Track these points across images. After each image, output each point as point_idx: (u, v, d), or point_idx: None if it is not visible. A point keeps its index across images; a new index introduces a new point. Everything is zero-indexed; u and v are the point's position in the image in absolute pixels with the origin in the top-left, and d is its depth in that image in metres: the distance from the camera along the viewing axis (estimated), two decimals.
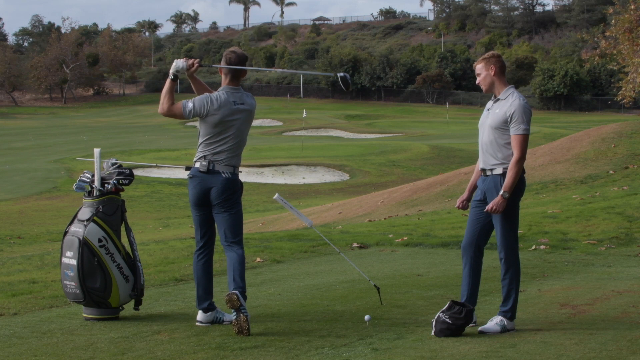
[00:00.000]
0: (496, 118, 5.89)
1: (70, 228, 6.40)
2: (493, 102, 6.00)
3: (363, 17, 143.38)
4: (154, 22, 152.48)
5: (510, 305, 5.88)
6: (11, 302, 7.05)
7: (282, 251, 10.44)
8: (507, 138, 5.85)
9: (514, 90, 5.95)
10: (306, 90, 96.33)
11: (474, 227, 6.02)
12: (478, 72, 6.01)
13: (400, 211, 17.93)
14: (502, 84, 5.96)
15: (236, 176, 6.11)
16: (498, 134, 5.87)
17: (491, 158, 5.92)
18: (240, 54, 6.15)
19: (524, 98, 5.89)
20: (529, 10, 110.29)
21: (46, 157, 42.53)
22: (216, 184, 6.01)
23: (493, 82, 5.96)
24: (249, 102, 6.15)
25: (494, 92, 6.00)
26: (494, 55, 6.01)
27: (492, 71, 5.94)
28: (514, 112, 5.80)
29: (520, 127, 5.80)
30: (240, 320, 5.70)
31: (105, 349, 5.43)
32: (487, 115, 6.01)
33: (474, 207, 6.06)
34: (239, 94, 6.10)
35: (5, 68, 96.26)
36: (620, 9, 24.92)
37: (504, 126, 5.85)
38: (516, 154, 5.79)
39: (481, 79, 5.99)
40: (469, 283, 6.03)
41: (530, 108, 5.93)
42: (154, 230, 22.40)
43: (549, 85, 77.90)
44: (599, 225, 11.64)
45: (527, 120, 5.82)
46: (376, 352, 5.25)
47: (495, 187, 5.88)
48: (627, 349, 5.18)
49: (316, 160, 38.93)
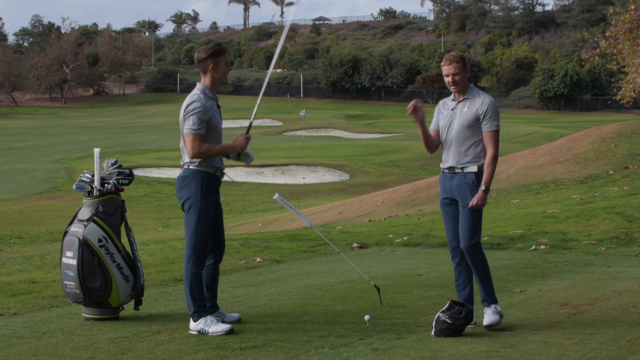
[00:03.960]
0: (467, 116, 5.97)
1: (70, 228, 6.40)
2: (457, 102, 6.06)
3: (363, 17, 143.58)
4: (154, 22, 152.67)
5: (488, 292, 5.98)
6: (11, 302, 7.05)
7: (282, 251, 10.44)
8: (478, 136, 5.95)
9: (477, 89, 6.09)
10: (306, 90, 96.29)
11: (454, 226, 6.08)
12: (455, 71, 5.98)
13: (400, 211, 17.93)
14: (468, 83, 6.07)
15: (186, 172, 5.97)
16: (470, 132, 5.96)
17: (463, 156, 5.98)
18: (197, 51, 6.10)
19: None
20: (529, 10, 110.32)
21: (46, 157, 42.52)
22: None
23: (466, 83, 6.05)
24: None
25: (456, 93, 6.05)
26: (463, 55, 6.09)
27: (467, 72, 6.05)
28: (487, 110, 5.93)
29: (494, 123, 5.93)
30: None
31: (105, 349, 5.43)
32: (452, 115, 6.04)
33: (446, 205, 6.10)
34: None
35: (5, 68, 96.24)
36: (620, 9, 24.91)
37: (475, 124, 5.95)
38: (492, 150, 5.91)
39: (459, 79, 6.00)
40: (457, 279, 6.13)
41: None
42: (154, 230, 22.40)
43: (549, 85, 77.90)
44: (599, 225, 11.64)
45: (498, 116, 5.99)
46: (376, 352, 5.24)
47: (470, 184, 5.95)
48: (627, 349, 5.18)
49: (316, 160, 38.94)
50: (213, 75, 5.99)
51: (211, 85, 6.02)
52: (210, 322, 5.83)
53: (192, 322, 5.89)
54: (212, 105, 5.96)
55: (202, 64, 5.99)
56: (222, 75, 6.04)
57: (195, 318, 5.86)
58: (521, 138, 45.97)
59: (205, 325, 5.82)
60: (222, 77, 6.05)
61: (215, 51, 5.98)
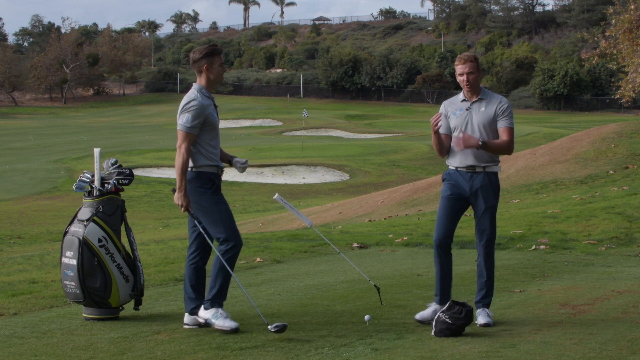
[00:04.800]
0: (486, 116, 6.03)
1: (70, 228, 6.40)
2: (470, 102, 6.09)
3: (363, 17, 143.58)
4: (154, 22, 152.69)
5: (492, 292, 6.15)
6: (11, 302, 7.05)
7: (282, 251, 10.44)
8: (495, 135, 6.03)
9: (489, 91, 6.20)
10: (306, 90, 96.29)
11: (452, 222, 6.11)
12: (470, 70, 6.04)
13: (400, 211, 17.92)
14: (480, 84, 6.15)
15: (189, 174, 5.96)
16: (490, 132, 6.03)
17: (484, 155, 6.03)
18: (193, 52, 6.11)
19: None
20: (529, 10, 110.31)
21: (46, 157, 42.54)
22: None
23: (479, 83, 6.11)
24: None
25: (469, 93, 6.09)
26: (477, 56, 6.22)
27: (480, 73, 6.12)
28: (506, 108, 6.06)
29: (511, 120, 6.07)
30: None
31: (105, 349, 5.42)
32: (467, 115, 6.06)
33: (451, 200, 6.10)
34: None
35: (5, 68, 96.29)
36: (620, 9, 24.92)
37: (493, 124, 6.04)
38: (508, 139, 6.00)
39: (473, 79, 6.04)
40: (447, 279, 6.21)
41: None
42: (154, 230, 22.41)
43: (549, 85, 77.91)
44: (599, 225, 11.64)
45: (513, 117, 6.15)
46: (376, 352, 5.24)
47: (494, 185, 6.05)
48: (627, 349, 5.17)
49: (316, 160, 38.95)
50: (208, 75, 6.00)
51: (207, 86, 6.03)
52: (220, 315, 5.85)
53: (203, 309, 5.92)
54: (209, 104, 5.97)
55: (196, 64, 6.01)
56: (217, 76, 6.04)
57: (208, 306, 5.89)
58: (521, 138, 45.94)
59: (213, 316, 5.85)
60: (216, 78, 6.05)
61: (210, 52, 5.99)
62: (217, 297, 5.89)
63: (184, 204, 5.87)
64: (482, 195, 6.01)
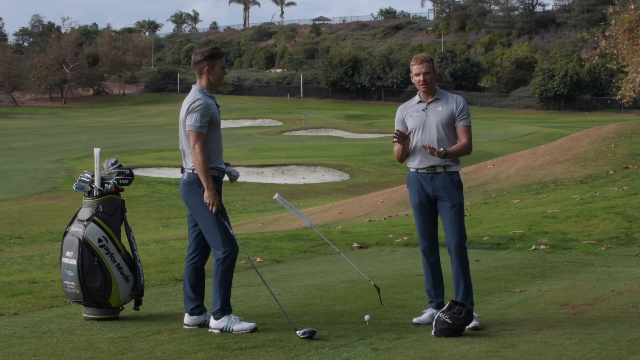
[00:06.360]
0: (444, 116, 6.08)
1: (70, 228, 6.40)
2: (426, 103, 6.14)
3: (363, 17, 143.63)
4: (154, 22, 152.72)
5: (471, 292, 6.11)
6: (11, 302, 7.05)
7: (282, 251, 10.45)
8: (454, 133, 6.08)
9: (444, 90, 6.26)
10: (306, 90, 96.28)
11: (433, 227, 6.21)
12: (426, 70, 6.09)
13: (400, 211, 17.92)
14: (435, 85, 6.21)
15: (191, 177, 5.97)
16: (449, 132, 6.08)
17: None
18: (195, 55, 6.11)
19: None
20: (529, 10, 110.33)
21: (46, 157, 42.53)
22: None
23: (434, 83, 6.17)
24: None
25: (424, 94, 6.14)
26: (432, 57, 6.28)
27: (436, 73, 6.17)
28: (463, 107, 6.11)
29: (469, 119, 6.12)
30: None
31: (105, 349, 5.43)
32: (424, 116, 6.10)
33: (422, 207, 6.16)
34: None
35: (5, 68, 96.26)
36: (620, 9, 24.92)
37: (452, 122, 6.09)
38: (466, 140, 6.05)
39: (429, 79, 6.10)
40: (434, 279, 6.25)
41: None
42: (154, 230, 22.41)
43: (549, 85, 77.91)
44: (599, 225, 11.64)
45: (470, 115, 6.21)
46: (376, 352, 5.24)
47: (456, 183, 6.07)
48: (627, 349, 5.18)
49: (316, 160, 38.94)
50: (208, 77, 6.02)
51: (207, 87, 6.05)
52: (234, 320, 5.86)
53: (213, 320, 5.90)
54: (212, 103, 6.01)
55: (198, 66, 6.02)
56: (217, 79, 6.05)
57: (218, 316, 5.89)
58: (521, 138, 46.00)
59: (230, 323, 5.85)
60: (217, 80, 6.06)
61: (212, 54, 6.00)
62: (224, 305, 5.92)
63: (214, 202, 5.85)
64: (447, 194, 6.05)
